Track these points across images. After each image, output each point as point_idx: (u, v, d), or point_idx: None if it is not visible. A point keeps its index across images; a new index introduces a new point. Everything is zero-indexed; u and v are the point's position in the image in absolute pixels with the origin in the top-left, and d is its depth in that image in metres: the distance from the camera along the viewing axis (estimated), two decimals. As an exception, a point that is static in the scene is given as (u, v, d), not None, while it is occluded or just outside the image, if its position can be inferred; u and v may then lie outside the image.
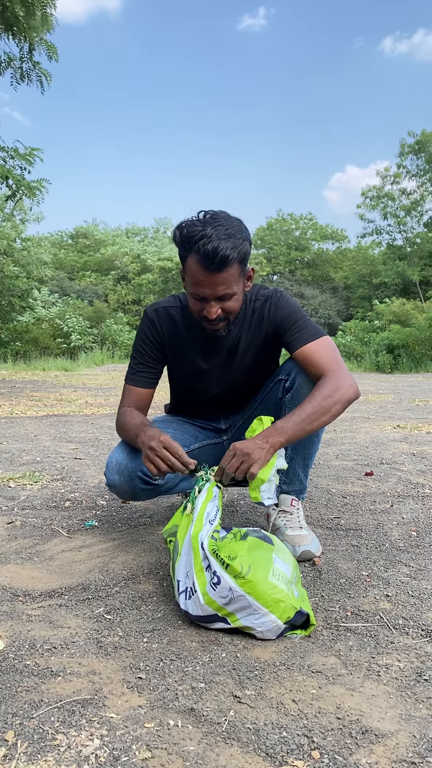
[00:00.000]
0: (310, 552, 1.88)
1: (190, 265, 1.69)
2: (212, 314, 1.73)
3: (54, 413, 6.06)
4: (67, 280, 31.93)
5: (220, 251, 1.61)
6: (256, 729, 1.07)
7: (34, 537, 2.13)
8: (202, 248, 1.61)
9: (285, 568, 1.49)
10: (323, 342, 1.84)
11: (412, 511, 2.41)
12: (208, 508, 1.55)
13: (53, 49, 9.43)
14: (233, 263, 1.66)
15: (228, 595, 1.39)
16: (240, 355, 1.97)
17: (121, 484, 1.87)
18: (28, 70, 9.45)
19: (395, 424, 4.97)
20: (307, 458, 1.98)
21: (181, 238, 1.69)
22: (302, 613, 1.41)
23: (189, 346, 1.97)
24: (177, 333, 1.96)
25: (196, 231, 1.64)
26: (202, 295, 1.72)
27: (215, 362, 1.98)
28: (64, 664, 1.29)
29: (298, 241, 37.14)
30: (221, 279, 1.67)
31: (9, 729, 1.07)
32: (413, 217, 28.79)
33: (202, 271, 1.66)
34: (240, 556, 1.42)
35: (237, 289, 1.73)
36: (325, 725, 1.08)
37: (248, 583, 1.39)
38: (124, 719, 1.10)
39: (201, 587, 1.43)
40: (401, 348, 16.51)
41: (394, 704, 1.14)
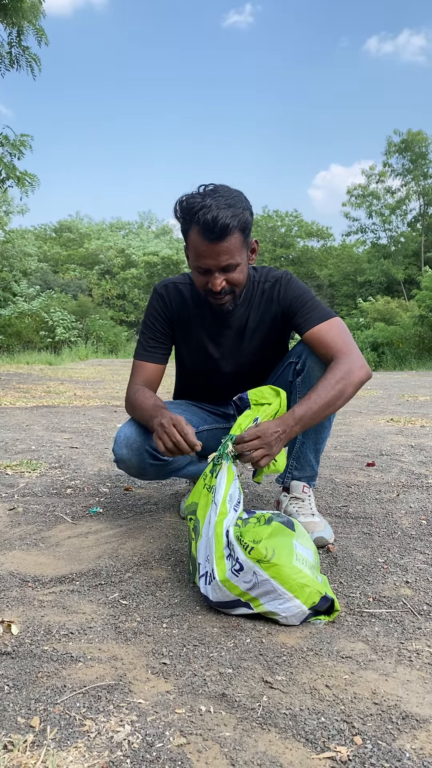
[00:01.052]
0: (323, 538, 1.84)
1: (191, 237, 1.67)
2: (217, 286, 1.69)
3: (44, 404, 5.97)
4: (51, 273, 31.64)
5: (220, 220, 1.59)
6: (293, 714, 1.03)
7: (38, 523, 2.07)
8: (202, 218, 1.60)
9: (307, 553, 1.45)
10: (334, 323, 1.81)
11: (419, 500, 2.38)
12: (231, 490, 1.50)
13: (42, 33, 9.27)
14: (234, 231, 1.64)
15: (252, 579, 1.35)
16: (249, 336, 1.93)
17: (130, 458, 1.82)
18: (17, 55, 9.29)
19: (388, 418, 4.96)
20: (318, 443, 1.95)
21: (182, 210, 1.67)
22: (327, 599, 1.37)
23: (197, 324, 1.93)
24: (186, 309, 1.92)
25: (196, 202, 1.63)
26: (205, 267, 1.69)
27: (223, 341, 1.94)
28: (83, 650, 1.24)
29: (284, 238, 37.16)
30: (223, 248, 1.65)
31: (34, 715, 1.02)
32: (398, 215, 28.99)
33: (204, 242, 1.64)
34: (264, 539, 1.38)
35: (240, 260, 1.70)
36: (363, 711, 1.04)
37: (273, 567, 1.35)
38: (154, 705, 1.06)
39: (220, 575, 1.39)
40: (386, 346, 16.60)
41: (431, 689, 1.11)
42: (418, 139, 26.42)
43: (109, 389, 7.94)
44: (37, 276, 28.03)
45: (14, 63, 9.33)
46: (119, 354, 20.11)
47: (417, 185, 27.86)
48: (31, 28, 9.19)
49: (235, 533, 1.41)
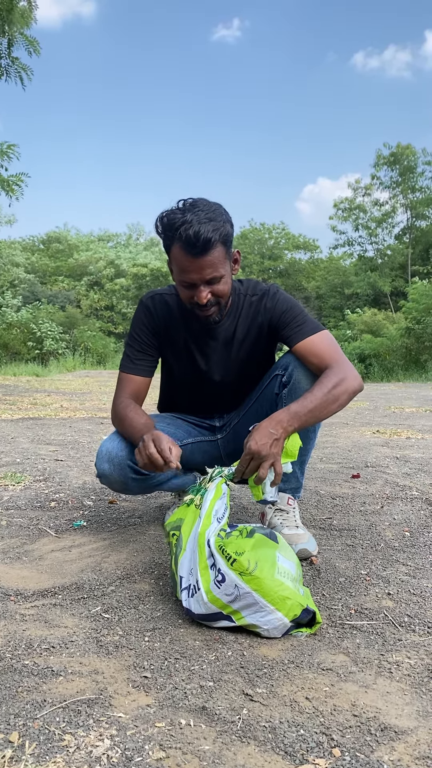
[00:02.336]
0: (307, 551, 1.85)
1: (175, 253, 1.70)
2: (202, 299, 1.72)
3: (29, 416, 5.95)
4: (39, 284, 31.57)
5: (201, 234, 1.61)
6: (272, 727, 1.03)
7: (21, 537, 2.06)
8: (184, 234, 1.62)
9: (289, 565, 1.46)
10: (325, 335, 1.84)
11: (403, 512, 2.40)
12: (216, 505, 1.51)
13: (34, 43, 9.31)
14: (216, 245, 1.66)
15: (233, 592, 1.36)
16: (236, 347, 1.95)
17: (111, 473, 1.82)
18: (7, 66, 9.32)
19: (374, 430, 4.99)
20: (303, 454, 1.96)
21: (163, 227, 1.70)
22: (309, 611, 1.37)
23: (184, 335, 1.94)
24: (172, 320, 1.93)
25: (177, 218, 1.65)
26: (190, 281, 1.71)
27: (210, 352, 1.96)
28: (64, 664, 1.24)
29: (271, 251, 37.36)
30: (207, 262, 1.67)
31: (13, 730, 1.02)
32: (384, 228, 29.24)
33: (187, 257, 1.66)
34: (246, 552, 1.39)
35: (224, 272, 1.73)
36: (343, 723, 1.05)
37: (255, 580, 1.35)
38: (134, 719, 1.06)
39: (204, 585, 1.39)
40: (373, 357, 16.68)
41: (410, 701, 1.12)
42: (407, 152, 26.73)
43: (96, 401, 7.92)
44: (25, 287, 27.96)
45: (3, 74, 9.36)
46: (107, 365, 20.07)
47: (405, 198, 28.14)
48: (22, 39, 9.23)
49: (217, 543, 1.42)
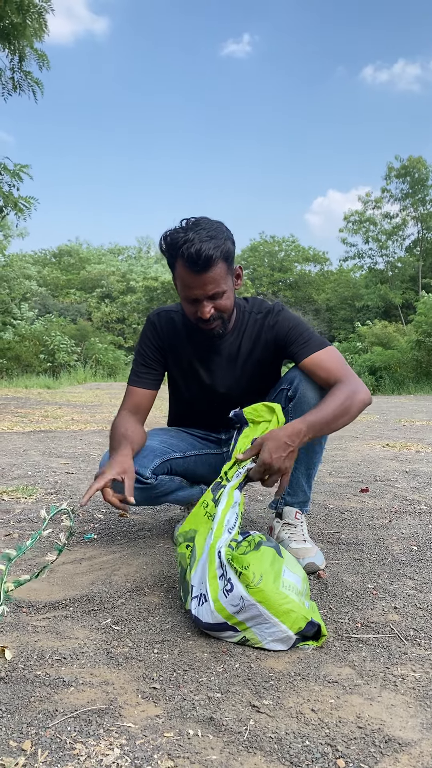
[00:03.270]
0: (314, 564, 1.87)
1: (178, 270, 1.77)
2: (206, 314, 1.78)
3: (41, 429, 6.00)
4: (51, 297, 31.83)
5: (203, 252, 1.68)
6: (278, 738, 1.06)
7: (33, 549, 2.10)
8: (186, 252, 1.69)
9: (295, 579, 1.48)
10: (331, 351, 1.88)
11: (411, 526, 2.41)
12: (228, 515, 1.54)
13: (44, 58, 9.46)
14: (218, 262, 1.73)
15: (239, 603, 1.38)
16: (240, 363, 1.99)
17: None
18: (20, 80, 9.48)
19: (384, 443, 5.00)
20: (310, 468, 1.98)
21: (167, 246, 1.77)
22: (313, 624, 1.40)
23: (189, 351, 2.00)
24: (177, 336, 2.00)
25: (179, 237, 1.72)
26: (193, 297, 1.78)
27: (214, 367, 2.00)
28: (75, 675, 1.27)
29: (281, 263, 37.50)
30: (209, 278, 1.73)
31: (25, 738, 1.04)
32: (394, 241, 29.29)
33: (190, 274, 1.73)
34: (252, 565, 1.41)
35: (226, 287, 1.79)
36: (347, 734, 1.07)
37: (259, 592, 1.38)
38: (143, 729, 1.08)
39: (213, 594, 1.42)
40: (383, 370, 16.68)
41: (414, 714, 1.14)
42: (419, 165, 26.82)
43: (106, 413, 7.97)
44: (36, 300, 28.20)
45: (17, 88, 9.52)
46: (117, 378, 20.18)
47: (415, 211, 28.21)
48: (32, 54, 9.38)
49: (227, 554, 1.44)
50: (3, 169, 9.56)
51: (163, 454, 2.00)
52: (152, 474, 1.92)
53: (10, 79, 9.45)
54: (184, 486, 2.09)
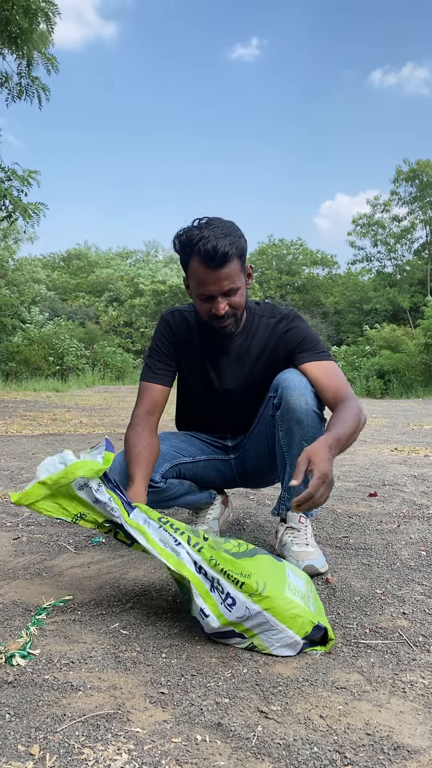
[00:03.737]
0: (313, 567, 1.86)
1: (193, 267, 1.77)
2: (221, 310, 1.79)
3: (49, 432, 6.02)
4: (59, 301, 31.96)
5: (219, 248, 1.70)
6: (287, 744, 1.05)
7: (42, 553, 2.10)
8: (202, 248, 1.70)
9: (299, 582, 1.48)
10: (336, 366, 1.91)
11: (419, 531, 2.40)
12: (156, 537, 1.50)
13: (52, 61, 9.51)
14: (233, 258, 1.75)
15: (245, 613, 1.38)
16: (248, 365, 2.00)
17: (123, 484, 1.86)
18: (27, 85, 9.54)
19: (392, 447, 4.98)
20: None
21: (181, 244, 1.78)
22: (320, 628, 1.39)
23: (200, 351, 2.01)
24: (190, 335, 2.01)
25: (194, 235, 1.74)
26: (208, 294, 1.78)
27: (223, 368, 2.01)
28: (83, 679, 1.27)
29: (289, 266, 37.48)
30: (224, 274, 1.75)
31: (34, 743, 1.05)
32: (403, 244, 29.22)
33: (206, 270, 1.74)
34: (253, 573, 1.41)
35: (240, 284, 1.81)
36: (356, 741, 1.06)
37: (265, 600, 1.38)
38: (151, 734, 1.08)
39: (213, 610, 1.40)
40: (392, 373, 16.62)
41: (423, 720, 1.13)
42: (427, 168, 26.75)
43: (114, 417, 7.99)
44: (45, 304, 28.32)
45: (23, 93, 9.57)
46: (125, 381, 20.23)
47: (424, 214, 28.14)
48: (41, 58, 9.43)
49: (208, 557, 1.43)
50: (12, 174, 9.62)
51: (173, 459, 2.01)
52: (162, 478, 1.93)
53: (17, 85, 9.51)
54: (193, 490, 2.10)
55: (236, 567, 1.42)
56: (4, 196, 9.37)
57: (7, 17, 8.25)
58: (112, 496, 1.52)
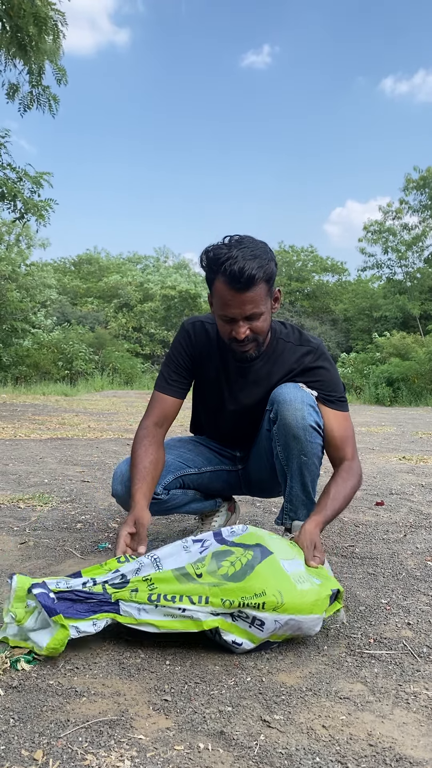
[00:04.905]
0: None
1: (217, 287, 1.72)
2: (241, 334, 1.74)
3: (58, 437, 6.05)
4: (70, 305, 32.08)
5: (246, 271, 1.63)
6: (289, 754, 1.05)
7: (48, 557, 2.11)
8: (228, 269, 1.64)
9: (296, 565, 1.51)
10: (348, 418, 1.91)
11: (426, 541, 2.40)
12: (161, 617, 1.41)
13: (63, 72, 9.60)
14: (260, 282, 1.68)
15: (275, 627, 1.41)
16: (265, 388, 1.95)
17: (124, 494, 1.89)
18: (38, 95, 9.63)
19: (400, 456, 4.97)
20: (305, 485, 1.92)
21: (208, 261, 1.72)
22: (332, 593, 1.48)
23: (217, 367, 1.98)
24: (209, 347, 1.97)
25: (222, 253, 1.67)
26: (230, 316, 1.73)
27: (237, 391, 1.98)
28: (87, 685, 1.28)
29: (299, 273, 37.44)
30: (248, 298, 1.69)
31: (37, 748, 1.05)
32: (414, 252, 29.13)
33: (230, 291, 1.68)
34: (266, 587, 1.41)
35: (264, 309, 1.75)
36: (358, 752, 1.07)
37: (287, 607, 1.40)
38: (153, 741, 1.09)
39: (244, 635, 1.42)
40: (401, 381, 16.55)
41: (426, 732, 1.13)
42: (438, 175, 26.65)
43: (122, 422, 8.00)
44: (55, 308, 28.44)
45: (34, 102, 9.66)
46: (134, 386, 20.27)
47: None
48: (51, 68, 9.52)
49: (223, 601, 1.40)
50: (24, 175, 9.70)
51: (178, 470, 2.01)
52: (164, 489, 1.93)
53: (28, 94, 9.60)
54: (198, 498, 2.10)
55: (248, 592, 1.40)
56: (15, 196, 9.44)
57: (17, 25, 8.32)
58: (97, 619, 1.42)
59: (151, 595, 1.40)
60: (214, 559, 1.48)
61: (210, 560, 1.48)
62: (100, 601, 1.41)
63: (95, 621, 1.40)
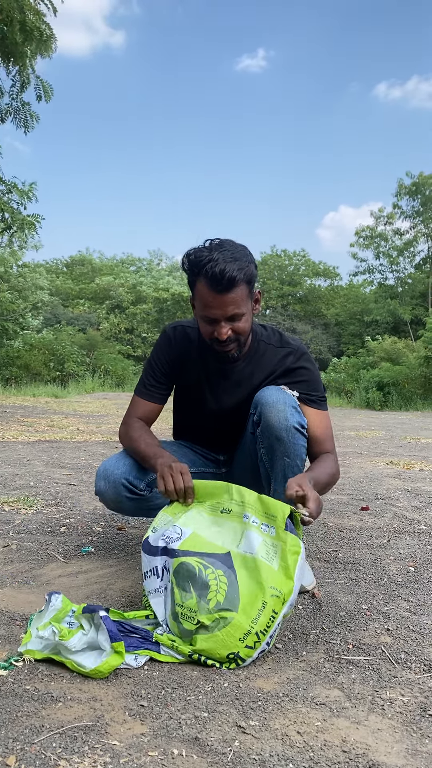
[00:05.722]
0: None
1: (199, 289, 1.75)
2: (223, 335, 1.77)
3: (46, 439, 6.03)
4: (61, 306, 32.01)
5: (227, 273, 1.67)
6: (262, 760, 1.06)
7: (30, 561, 2.11)
8: (210, 271, 1.68)
9: (251, 542, 1.53)
10: (328, 417, 1.95)
11: (409, 546, 2.41)
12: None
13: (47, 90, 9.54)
14: (240, 284, 1.72)
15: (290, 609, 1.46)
16: (247, 390, 1.97)
17: (107, 490, 1.89)
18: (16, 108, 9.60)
19: (388, 460, 4.98)
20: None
21: (190, 264, 1.76)
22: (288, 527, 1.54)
23: (198, 371, 1.99)
24: (190, 354, 1.99)
25: (204, 256, 1.71)
26: (212, 317, 1.76)
27: (220, 393, 2.00)
28: (64, 690, 1.27)
29: (291, 277, 37.52)
30: (230, 299, 1.73)
31: (10, 754, 1.05)
32: (405, 257, 29.27)
33: (211, 293, 1.72)
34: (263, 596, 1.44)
35: (245, 310, 1.78)
36: (332, 758, 1.07)
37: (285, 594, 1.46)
38: (128, 747, 1.08)
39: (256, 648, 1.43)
40: (391, 386, 16.60)
41: (400, 739, 1.13)
42: (430, 182, 26.80)
43: (112, 424, 7.99)
44: (47, 309, 28.36)
45: (10, 115, 9.62)
46: (125, 388, 20.23)
47: (426, 228, 28.20)
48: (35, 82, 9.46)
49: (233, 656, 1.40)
50: (13, 187, 9.69)
51: None
52: (147, 486, 1.93)
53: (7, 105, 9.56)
54: None
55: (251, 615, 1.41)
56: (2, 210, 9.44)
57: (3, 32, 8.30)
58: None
59: (192, 654, 1.42)
60: (192, 591, 1.47)
61: (184, 593, 1.48)
62: (144, 637, 1.45)
63: (137, 656, 1.41)
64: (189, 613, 1.45)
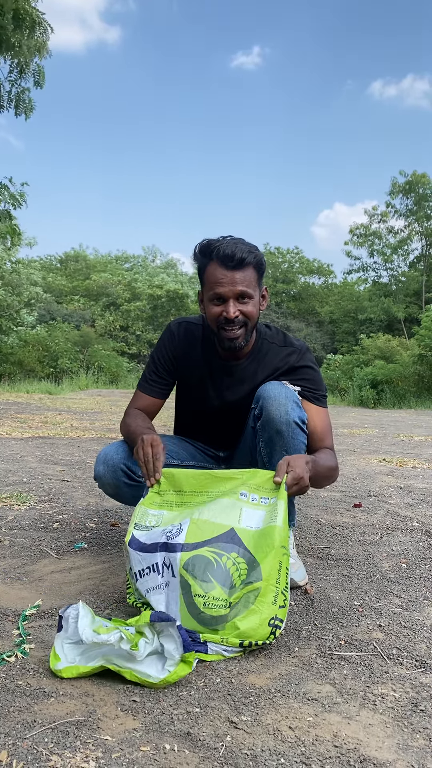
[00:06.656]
0: (292, 580, 1.87)
1: (209, 271, 1.82)
2: (231, 314, 1.79)
3: (39, 435, 6.01)
4: (55, 303, 31.89)
5: (237, 251, 1.77)
6: (254, 755, 1.06)
7: (23, 557, 2.10)
8: (221, 251, 1.78)
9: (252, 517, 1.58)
10: (328, 414, 1.96)
11: (401, 543, 2.41)
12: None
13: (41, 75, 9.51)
14: (250, 266, 1.80)
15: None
16: (249, 388, 1.97)
17: (105, 474, 1.91)
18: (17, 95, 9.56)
19: (381, 458, 5.00)
20: None
21: (201, 248, 1.84)
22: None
23: (201, 368, 2.00)
24: (194, 350, 2.00)
25: (215, 241, 1.83)
26: (222, 294, 1.80)
27: (223, 389, 2.00)
28: (56, 686, 1.27)
29: (285, 275, 37.54)
30: (240, 277, 1.79)
31: (2, 749, 1.05)
32: (399, 255, 29.32)
33: (222, 270, 1.79)
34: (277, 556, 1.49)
35: (254, 294, 1.83)
36: (323, 753, 1.07)
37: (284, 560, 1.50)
38: (120, 742, 1.09)
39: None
40: (385, 383, 16.65)
41: (391, 734, 1.14)
42: (423, 181, 26.84)
43: (105, 421, 7.98)
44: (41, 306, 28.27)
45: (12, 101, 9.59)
46: (119, 385, 20.20)
47: (420, 226, 28.26)
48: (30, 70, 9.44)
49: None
50: (4, 188, 9.66)
51: None
52: None
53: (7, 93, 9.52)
54: None
55: (273, 575, 1.47)
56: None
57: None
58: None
59: (242, 641, 1.43)
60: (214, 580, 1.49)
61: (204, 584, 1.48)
62: (193, 639, 1.43)
63: None
64: (215, 602, 1.46)
